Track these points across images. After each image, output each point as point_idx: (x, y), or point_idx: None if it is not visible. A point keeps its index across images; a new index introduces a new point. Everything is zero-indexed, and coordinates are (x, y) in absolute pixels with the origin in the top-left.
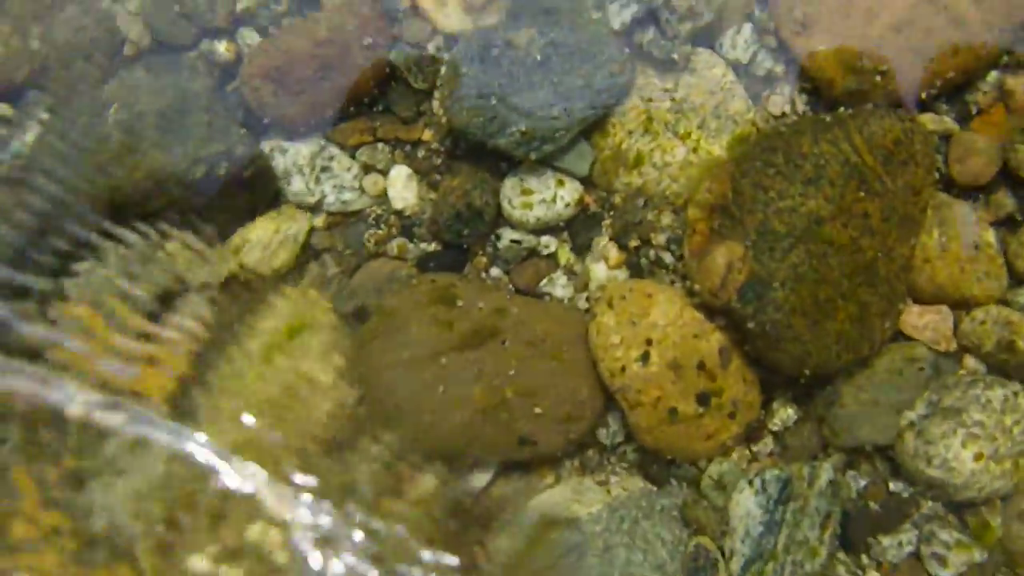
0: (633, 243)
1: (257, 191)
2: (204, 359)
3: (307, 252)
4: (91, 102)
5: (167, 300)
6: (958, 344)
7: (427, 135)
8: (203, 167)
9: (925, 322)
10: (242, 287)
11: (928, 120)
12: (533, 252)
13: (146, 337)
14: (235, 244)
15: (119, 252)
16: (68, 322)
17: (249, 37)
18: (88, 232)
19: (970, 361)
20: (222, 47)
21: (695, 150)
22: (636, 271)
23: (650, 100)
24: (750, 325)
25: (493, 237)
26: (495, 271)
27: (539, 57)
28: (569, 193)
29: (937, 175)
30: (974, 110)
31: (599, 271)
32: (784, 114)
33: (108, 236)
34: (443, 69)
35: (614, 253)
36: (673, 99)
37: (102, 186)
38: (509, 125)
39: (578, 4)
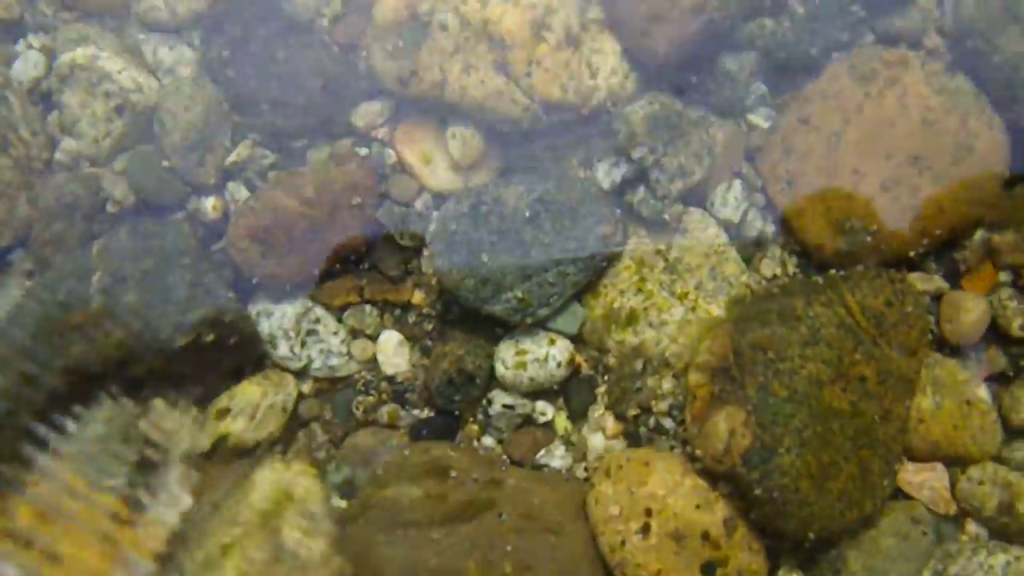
0: (632, 412)
1: (243, 354)
2: (182, 537)
3: (295, 420)
4: (74, 264)
5: (146, 474)
6: (958, 507)
7: (417, 297)
8: (187, 335)
9: (921, 480)
10: (225, 458)
11: (918, 280)
12: (528, 419)
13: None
14: (220, 406)
15: (96, 424)
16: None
17: (237, 191)
18: (63, 403)
19: (971, 526)
20: (209, 205)
21: (693, 309)
22: (635, 440)
23: (643, 262)
24: (757, 491)
25: (485, 402)
26: (488, 440)
27: (528, 214)
28: (560, 352)
29: (931, 336)
30: (963, 268)
31: (597, 441)
32: (776, 276)
33: (86, 406)
34: (432, 226)
35: (611, 423)
36: (666, 260)
37: (80, 352)
38: (504, 291)
39: (563, 163)
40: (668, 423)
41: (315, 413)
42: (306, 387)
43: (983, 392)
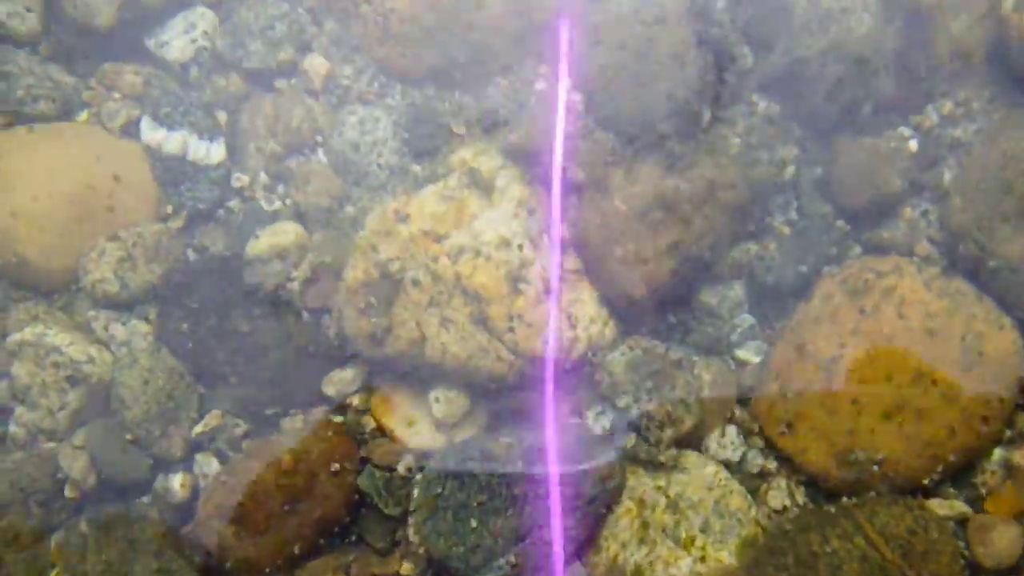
0: None
1: None
2: None
3: None
4: (30, 559)
5: None
6: None
7: (406, 568)
8: None
9: None
10: None
11: (937, 506)
12: None
13: None
14: None
15: None
16: None
17: (207, 463)
18: None
19: None
20: (177, 483)
21: (702, 559)
22: None
23: (642, 502)
24: None
25: None
26: None
27: (521, 464)
28: None
29: (963, 561)
30: (984, 491)
31: None
32: (785, 507)
33: None
34: (416, 490)
35: None
36: (668, 497)
37: None
38: (496, 556)
39: (556, 410)
40: None
41: None
42: None
43: None
